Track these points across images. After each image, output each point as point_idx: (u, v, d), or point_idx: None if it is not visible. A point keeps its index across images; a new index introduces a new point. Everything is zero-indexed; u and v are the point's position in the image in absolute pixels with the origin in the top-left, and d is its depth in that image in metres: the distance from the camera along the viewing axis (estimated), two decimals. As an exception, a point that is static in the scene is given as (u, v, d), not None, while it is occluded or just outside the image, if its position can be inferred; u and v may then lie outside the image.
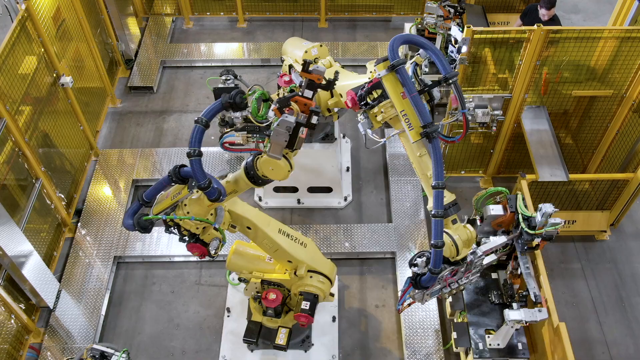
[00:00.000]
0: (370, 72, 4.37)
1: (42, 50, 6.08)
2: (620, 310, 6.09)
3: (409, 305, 4.69)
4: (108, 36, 8.03)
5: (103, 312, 6.08)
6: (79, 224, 6.72)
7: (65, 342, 5.80)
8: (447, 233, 4.29)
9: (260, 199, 7.02)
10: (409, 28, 8.00)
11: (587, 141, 6.68)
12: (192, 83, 8.46)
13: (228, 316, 6.00)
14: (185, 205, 4.43)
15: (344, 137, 7.61)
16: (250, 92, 3.96)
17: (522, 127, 6.23)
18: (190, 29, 9.47)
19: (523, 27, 5.49)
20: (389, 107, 4.26)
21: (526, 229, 4.94)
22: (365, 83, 4.32)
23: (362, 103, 4.30)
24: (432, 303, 5.98)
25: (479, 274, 4.94)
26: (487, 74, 6.11)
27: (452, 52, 6.62)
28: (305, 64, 3.71)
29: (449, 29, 7.17)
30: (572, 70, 5.97)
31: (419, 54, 4.44)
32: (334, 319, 5.94)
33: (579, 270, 6.40)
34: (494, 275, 5.66)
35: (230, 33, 9.35)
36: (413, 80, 4.53)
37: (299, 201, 6.96)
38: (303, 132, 3.68)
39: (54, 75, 6.34)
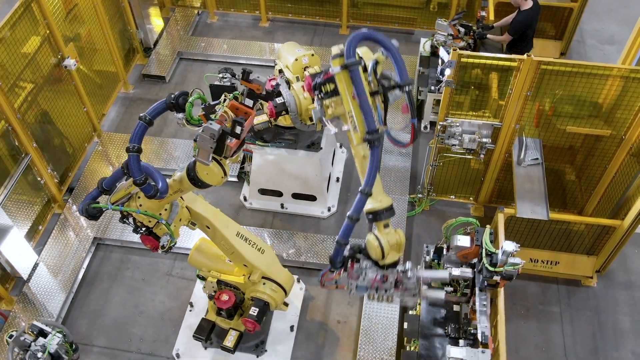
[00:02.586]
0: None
1: (48, 31, 6.31)
2: (592, 363, 5.77)
3: (336, 287, 4.67)
4: (128, 23, 8.24)
5: (74, 290, 6.28)
6: (69, 201, 6.95)
7: (33, 312, 6.01)
8: (376, 236, 4.27)
9: (245, 199, 7.06)
10: (423, 43, 7.84)
11: (587, 180, 6.35)
12: (205, 77, 8.59)
13: (190, 311, 6.06)
14: (139, 197, 4.51)
15: (340, 146, 7.53)
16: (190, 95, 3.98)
17: (513, 158, 5.99)
18: (214, 23, 9.61)
19: (513, 56, 5.26)
20: (339, 103, 4.23)
21: (487, 265, 4.75)
22: (323, 72, 4.29)
23: (316, 92, 4.29)
24: (393, 326, 5.84)
25: (416, 298, 4.79)
26: (489, 100, 5.92)
27: (437, 73, 6.44)
28: (244, 73, 3.70)
29: (458, 48, 6.98)
30: (573, 105, 5.68)
31: (381, 51, 4.36)
32: (292, 328, 5.90)
33: (557, 314, 6.09)
34: (455, 308, 5.46)
35: (251, 31, 9.42)
36: (370, 79, 4.46)
37: (282, 206, 6.94)
38: (232, 140, 3.66)
39: (59, 56, 6.56)
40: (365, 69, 4.45)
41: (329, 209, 6.93)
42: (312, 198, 6.88)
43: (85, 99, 7.17)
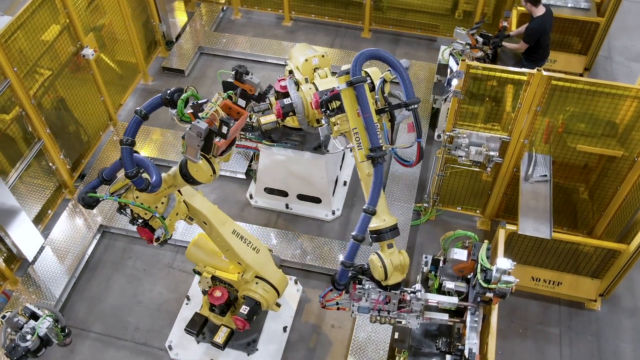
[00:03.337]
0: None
1: (67, 20, 6.44)
2: (588, 388, 5.62)
3: (338, 308, 4.69)
4: (151, 16, 8.36)
5: (76, 275, 6.40)
6: (80, 187, 7.08)
7: (36, 293, 6.15)
8: (379, 256, 4.26)
9: (251, 197, 7.09)
10: (442, 51, 7.74)
11: (599, 200, 6.18)
12: (224, 73, 8.66)
13: (187, 304, 6.12)
14: (135, 189, 4.56)
15: (351, 150, 7.47)
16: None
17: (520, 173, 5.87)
18: (238, 20, 9.67)
19: (523, 70, 5.15)
20: (345, 120, 4.25)
21: (480, 281, 4.66)
22: (329, 90, 4.30)
23: (323, 109, 4.31)
24: (386, 336, 5.79)
25: (418, 320, 4.74)
26: (501, 113, 5.82)
27: (445, 83, 6.34)
28: (237, 74, 3.71)
29: (475, 58, 6.88)
30: (584, 123, 5.53)
31: (389, 70, 4.35)
32: (285, 329, 5.90)
33: (556, 336, 5.95)
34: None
35: (273, 30, 9.45)
36: (377, 97, 4.47)
37: (287, 206, 6.95)
38: (220, 140, 3.67)
39: (78, 45, 6.69)
40: (373, 88, 4.47)
41: (333, 213, 6.90)
42: (317, 200, 6.86)
43: (102, 88, 7.30)
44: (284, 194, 6.93)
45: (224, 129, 3.57)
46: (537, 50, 7.04)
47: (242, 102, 3.75)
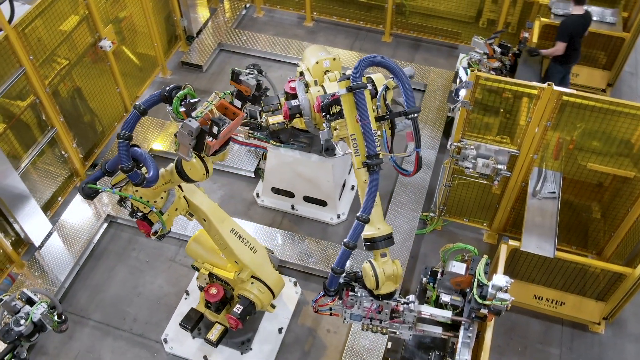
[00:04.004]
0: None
1: (87, 12, 6.54)
2: (585, 413, 5.47)
3: (330, 314, 4.68)
4: (173, 11, 8.43)
5: (81, 263, 6.50)
6: (91, 177, 7.19)
7: (41, 278, 6.25)
8: (372, 265, 4.23)
9: (257, 196, 7.10)
10: (460, 59, 7.63)
11: (610, 221, 6.02)
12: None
13: (185, 299, 6.16)
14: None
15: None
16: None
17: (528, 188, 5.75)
18: (260, 18, 9.70)
19: (533, 83, 5.03)
20: (344, 126, 4.23)
21: (476, 296, 4.58)
22: (331, 94, 4.29)
23: (324, 113, 4.29)
24: (381, 345, 5.73)
25: (411, 331, 4.68)
26: (512, 125, 5.71)
27: (453, 93, 6.24)
28: (234, 74, 3.71)
29: (492, 68, 6.76)
30: (596, 140, 5.38)
31: (392, 77, 4.30)
32: (280, 330, 5.89)
33: (556, 357, 5.80)
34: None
35: (294, 29, 9.45)
36: (379, 103, 4.43)
37: (292, 207, 6.94)
38: (212, 140, 3.68)
39: (96, 37, 6.79)
40: (376, 94, 4.42)
41: (338, 216, 6.87)
42: (322, 203, 6.83)
43: (119, 80, 7.40)
44: (290, 194, 6.92)
45: (215, 129, 3.58)
46: (566, 50, 6.90)
47: (238, 103, 3.75)
